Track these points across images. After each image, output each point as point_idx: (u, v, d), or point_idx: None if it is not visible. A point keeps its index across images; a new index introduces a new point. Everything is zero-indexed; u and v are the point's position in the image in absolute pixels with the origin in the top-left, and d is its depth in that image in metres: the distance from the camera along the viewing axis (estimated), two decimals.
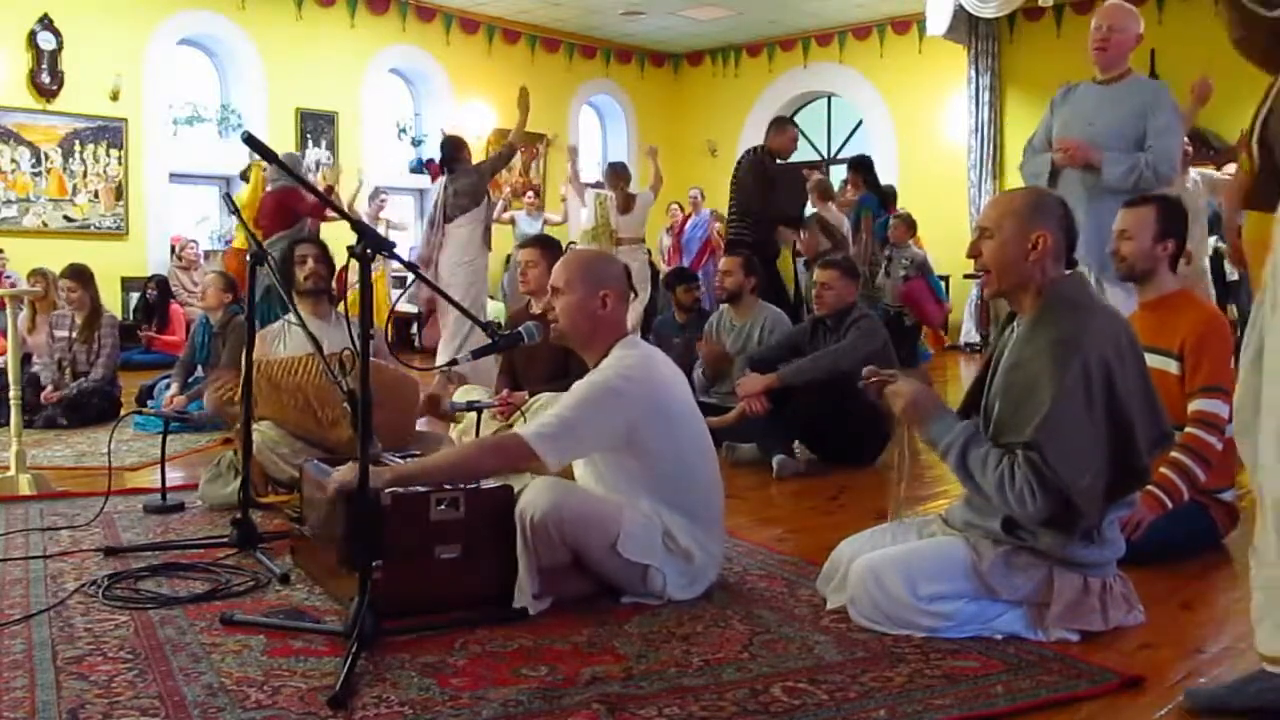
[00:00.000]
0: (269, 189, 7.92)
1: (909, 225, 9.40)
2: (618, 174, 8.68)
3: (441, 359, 6.49)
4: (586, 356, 2.86)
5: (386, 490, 2.56)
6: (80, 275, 6.24)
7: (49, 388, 6.08)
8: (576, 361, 4.40)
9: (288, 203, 7.47)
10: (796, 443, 4.86)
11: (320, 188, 8.91)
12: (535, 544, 2.56)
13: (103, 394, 6.16)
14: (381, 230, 9.81)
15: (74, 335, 6.23)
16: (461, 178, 6.90)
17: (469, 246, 6.81)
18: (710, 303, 7.98)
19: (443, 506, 2.62)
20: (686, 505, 2.74)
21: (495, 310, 9.27)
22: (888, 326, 5.60)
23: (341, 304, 9.32)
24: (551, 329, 2.88)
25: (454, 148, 7.08)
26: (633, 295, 3.25)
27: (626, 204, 8.52)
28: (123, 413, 5.89)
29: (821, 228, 8.00)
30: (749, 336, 5.33)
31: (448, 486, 2.67)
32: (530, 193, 11.87)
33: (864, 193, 8.25)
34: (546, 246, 4.62)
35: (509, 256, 10.49)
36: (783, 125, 7.24)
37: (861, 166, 8.43)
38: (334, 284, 4.78)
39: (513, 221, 10.62)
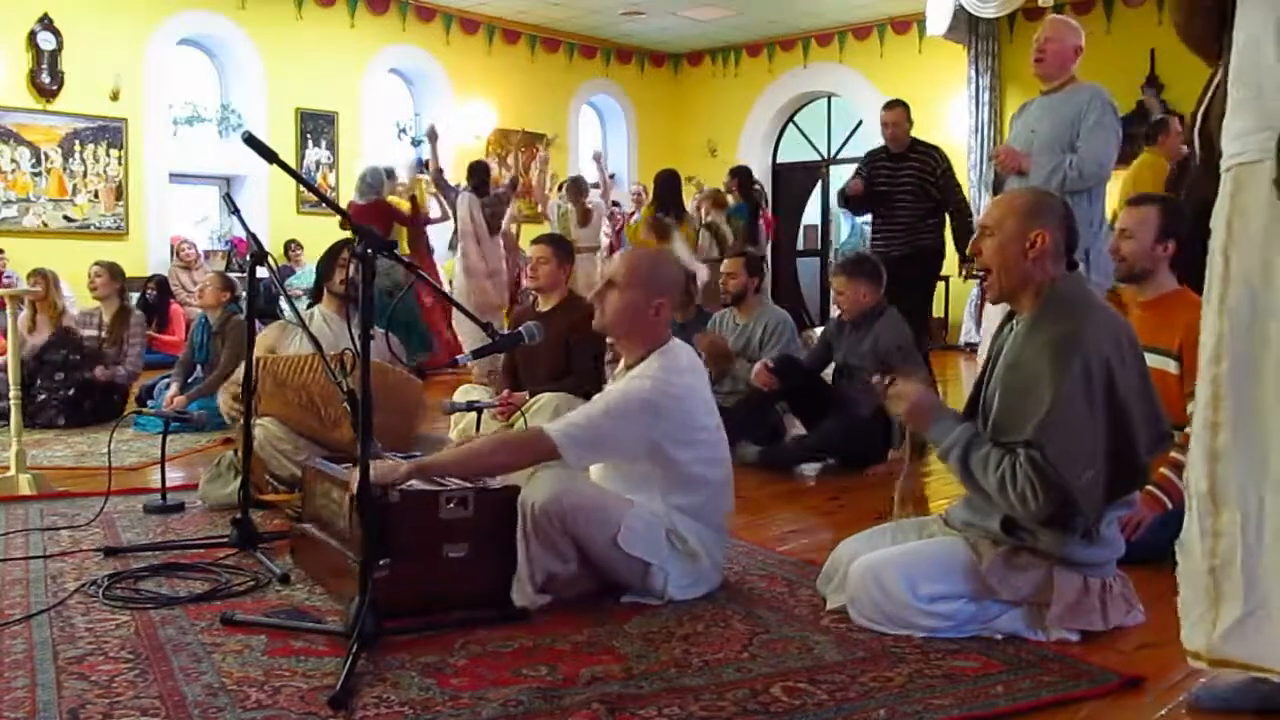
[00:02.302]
0: (359, 201, 8.44)
1: None
2: (579, 189, 9.05)
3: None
4: (624, 353, 2.86)
5: (395, 488, 2.56)
6: (111, 267, 6.40)
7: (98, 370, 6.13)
8: (577, 361, 4.44)
9: (385, 214, 8.37)
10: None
11: (405, 197, 9.45)
12: (536, 534, 2.56)
13: (102, 393, 6.16)
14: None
15: (103, 335, 6.29)
16: (501, 204, 8.46)
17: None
18: None
19: (451, 505, 2.63)
20: (698, 509, 2.75)
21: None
22: None
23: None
24: (595, 318, 2.86)
25: (488, 174, 8.61)
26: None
27: (585, 217, 8.97)
28: (124, 412, 5.90)
29: (713, 234, 8.45)
30: (751, 336, 5.34)
31: (456, 485, 2.68)
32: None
33: (740, 201, 8.69)
34: (558, 245, 4.66)
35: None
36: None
37: (740, 175, 8.90)
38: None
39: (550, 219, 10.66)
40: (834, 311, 5.17)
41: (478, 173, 8.50)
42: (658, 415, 2.66)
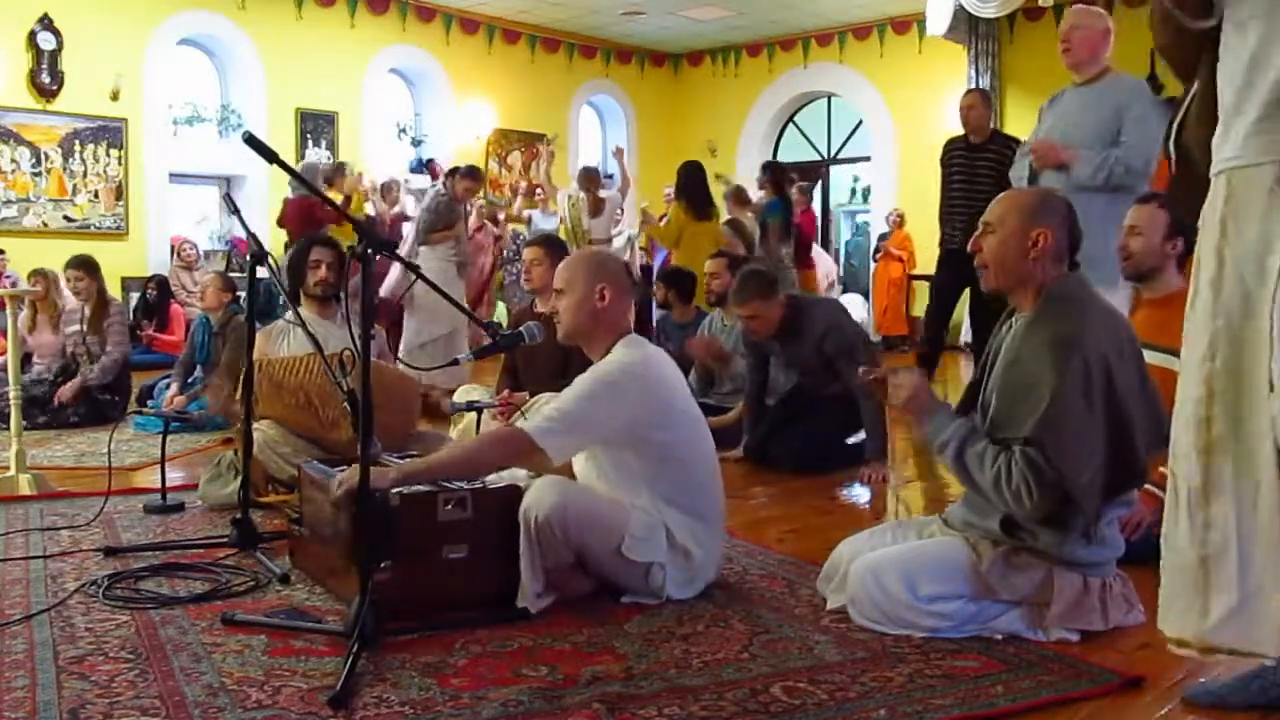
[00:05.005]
0: (291, 195, 8.11)
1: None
2: (590, 177, 8.86)
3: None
4: (590, 353, 2.88)
5: (395, 491, 2.56)
6: (85, 264, 6.27)
7: (55, 382, 6.05)
8: (577, 361, 4.42)
9: (309, 209, 7.78)
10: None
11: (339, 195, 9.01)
12: (540, 543, 2.56)
13: (114, 387, 6.16)
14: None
15: (85, 329, 6.24)
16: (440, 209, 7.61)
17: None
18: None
19: (450, 506, 2.63)
20: (686, 503, 2.74)
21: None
22: None
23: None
24: (558, 329, 2.90)
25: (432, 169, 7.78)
26: None
27: (597, 207, 8.68)
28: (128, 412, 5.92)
29: (736, 232, 8.14)
30: (739, 337, 5.33)
31: (454, 486, 2.68)
32: (539, 190, 11.82)
33: (773, 198, 8.37)
34: (551, 246, 4.64)
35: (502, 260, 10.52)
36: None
37: (773, 170, 8.59)
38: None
39: (529, 220, 10.61)
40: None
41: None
42: (622, 391, 2.68)
